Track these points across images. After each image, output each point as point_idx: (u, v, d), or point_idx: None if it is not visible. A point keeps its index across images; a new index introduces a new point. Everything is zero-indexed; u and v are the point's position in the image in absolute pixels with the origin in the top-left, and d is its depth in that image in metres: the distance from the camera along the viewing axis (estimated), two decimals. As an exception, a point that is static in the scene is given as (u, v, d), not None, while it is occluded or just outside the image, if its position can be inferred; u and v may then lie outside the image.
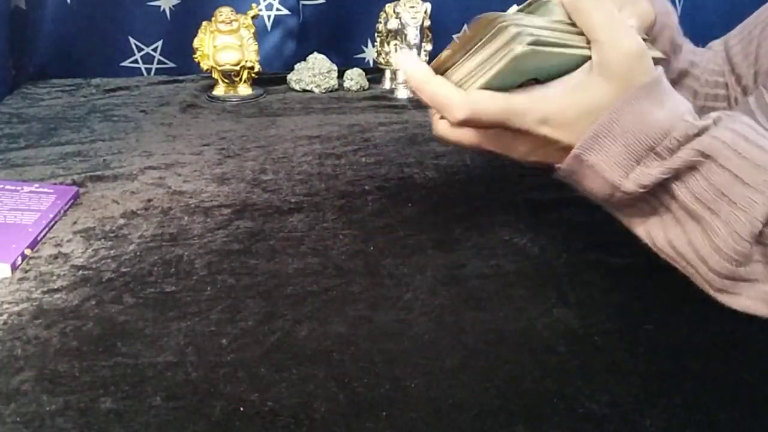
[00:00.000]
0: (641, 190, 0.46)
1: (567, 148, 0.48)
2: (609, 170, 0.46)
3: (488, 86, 0.47)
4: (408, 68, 0.49)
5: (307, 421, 0.44)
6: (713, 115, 0.47)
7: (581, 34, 0.47)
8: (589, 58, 0.47)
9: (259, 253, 0.64)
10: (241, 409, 0.45)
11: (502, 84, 0.47)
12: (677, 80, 0.69)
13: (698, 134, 0.46)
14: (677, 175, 0.46)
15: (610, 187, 0.48)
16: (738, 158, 0.45)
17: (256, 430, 0.43)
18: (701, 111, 0.72)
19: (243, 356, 0.50)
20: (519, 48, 0.44)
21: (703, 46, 0.73)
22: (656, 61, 0.48)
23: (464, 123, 0.48)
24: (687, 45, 0.69)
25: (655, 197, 0.48)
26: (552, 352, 0.50)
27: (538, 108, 0.47)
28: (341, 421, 0.44)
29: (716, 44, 0.73)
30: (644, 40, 0.48)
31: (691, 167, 0.46)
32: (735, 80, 0.68)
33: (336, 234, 0.68)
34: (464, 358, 0.50)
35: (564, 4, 0.47)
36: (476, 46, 0.47)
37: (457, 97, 0.47)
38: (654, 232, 0.50)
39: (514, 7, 0.50)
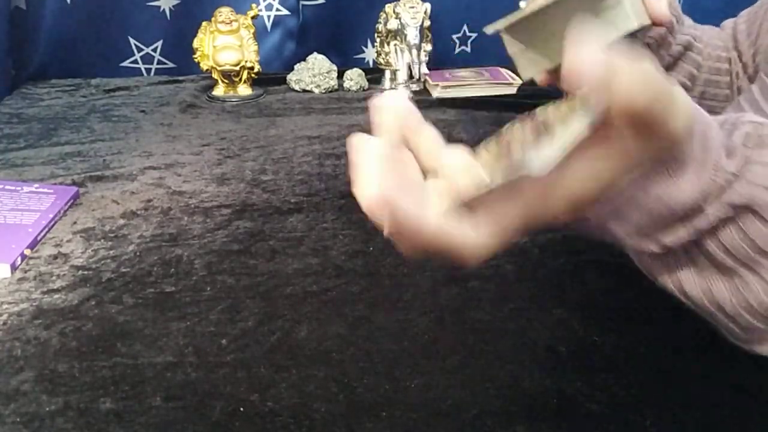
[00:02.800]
0: (667, 248, 0.40)
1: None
2: (631, 240, 0.40)
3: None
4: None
5: (307, 421, 0.44)
6: (740, 134, 0.40)
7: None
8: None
9: (259, 253, 0.64)
10: (241, 409, 0.45)
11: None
12: (682, 53, 0.68)
13: (731, 182, 0.38)
14: (708, 229, 0.39)
15: (631, 249, 0.42)
16: None
17: (256, 430, 0.43)
18: (703, 91, 0.71)
19: (243, 356, 0.50)
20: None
21: None
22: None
23: None
24: (688, 20, 0.69)
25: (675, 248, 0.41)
26: (552, 352, 0.50)
27: (556, 206, 0.38)
28: (341, 421, 0.44)
29: (728, 23, 0.72)
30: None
31: (725, 222, 0.39)
32: (737, 56, 0.68)
33: (336, 234, 0.68)
34: (464, 358, 0.50)
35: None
36: None
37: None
38: (669, 278, 0.43)
39: (522, 4, 0.49)
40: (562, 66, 0.34)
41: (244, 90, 1.15)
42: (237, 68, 1.13)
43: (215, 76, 1.14)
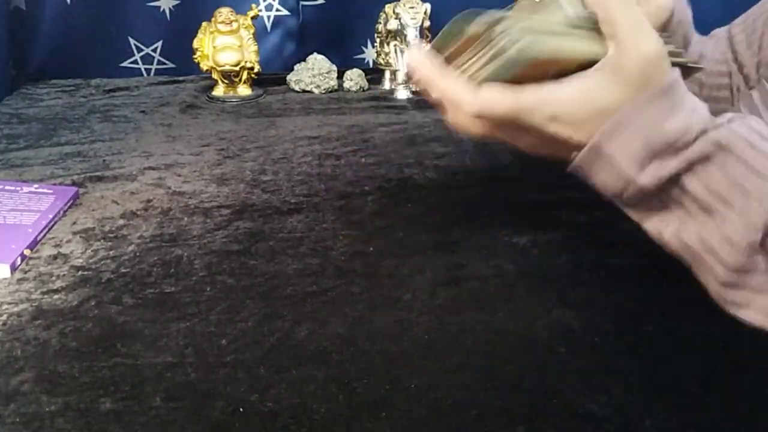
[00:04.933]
0: (657, 183, 0.46)
1: (576, 146, 0.48)
2: (625, 163, 0.46)
3: (492, 79, 0.48)
4: (419, 63, 0.50)
5: (307, 421, 0.44)
6: (727, 115, 0.47)
7: (597, 28, 0.47)
8: (604, 53, 0.46)
9: (259, 253, 0.64)
10: (241, 409, 0.45)
11: (510, 75, 0.47)
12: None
13: (714, 128, 0.45)
14: (690, 167, 0.46)
15: (623, 181, 0.47)
16: (754, 151, 0.44)
17: (255, 430, 0.43)
18: (705, 101, 0.72)
19: (242, 357, 0.50)
20: (512, 52, 0.44)
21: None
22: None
23: (474, 117, 0.49)
24: (695, 37, 0.70)
25: (665, 191, 0.47)
26: (552, 352, 0.50)
27: (548, 106, 0.46)
28: (341, 421, 0.44)
29: (720, 32, 0.73)
30: (663, 37, 0.47)
31: (705, 159, 0.45)
32: (738, 69, 0.68)
33: (336, 234, 0.68)
34: (464, 358, 0.50)
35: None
36: (475, 45, 0.48)
37: (467, 93, 0.47)
38: (662, 225, 0.49)
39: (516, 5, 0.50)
40: None
41: (243, 90, 1.15)
42: (237, 68, 1.13)
43: (215, 76, 1.14)
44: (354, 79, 1.20)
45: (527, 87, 0.47)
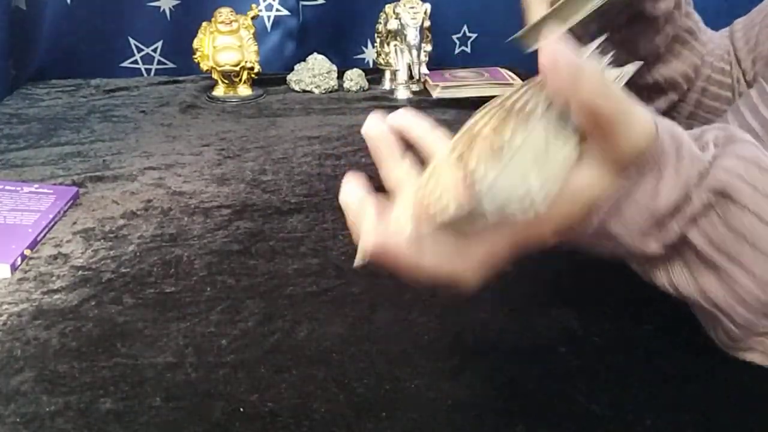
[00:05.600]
0: (664, 247, 0.42)
1: (553, 236, 0.43)
2: (632, 240, 0.42)
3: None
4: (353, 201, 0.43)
5: (307, 421, 0.44)
6: (710, 135, 0.43)
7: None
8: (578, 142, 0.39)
9: (259, 253, 0.64)
10: (241, 409, 0.45)
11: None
12: (686, 39, 0.67)
13: (708, 169, 0.40)
14: (693, 221, 0.41)
15: (630, 254, 0.43)
16: (757, 195, 0.40)
17: (256, 430, 0.43)
18: (705, 88, 0.72)
19: (243, 357, 0.50)
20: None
21: None
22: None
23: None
24: (697, 15, 0.69)
25: (669, 247, 0.43)
26: (552, 352, 0.50)
27: (546, 230, 0.42)
28: (341, 421, 0.44)
29: (723, 32, 0.73)
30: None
31: (707, 209, 0.40)
32: (736, 63, 0.68)
33: (336, 234, 0.68)
34: (464, 358, 0.50)
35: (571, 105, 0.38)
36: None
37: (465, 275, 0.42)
38: (666, 278, 0.45)
39: None
40: (539, 59, 0.36)
41: (244, 90, 1.15)
42: (237, 69, 1.13)
43: (215, 76, 1.14)
44: (354, 79, 1.20)
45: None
